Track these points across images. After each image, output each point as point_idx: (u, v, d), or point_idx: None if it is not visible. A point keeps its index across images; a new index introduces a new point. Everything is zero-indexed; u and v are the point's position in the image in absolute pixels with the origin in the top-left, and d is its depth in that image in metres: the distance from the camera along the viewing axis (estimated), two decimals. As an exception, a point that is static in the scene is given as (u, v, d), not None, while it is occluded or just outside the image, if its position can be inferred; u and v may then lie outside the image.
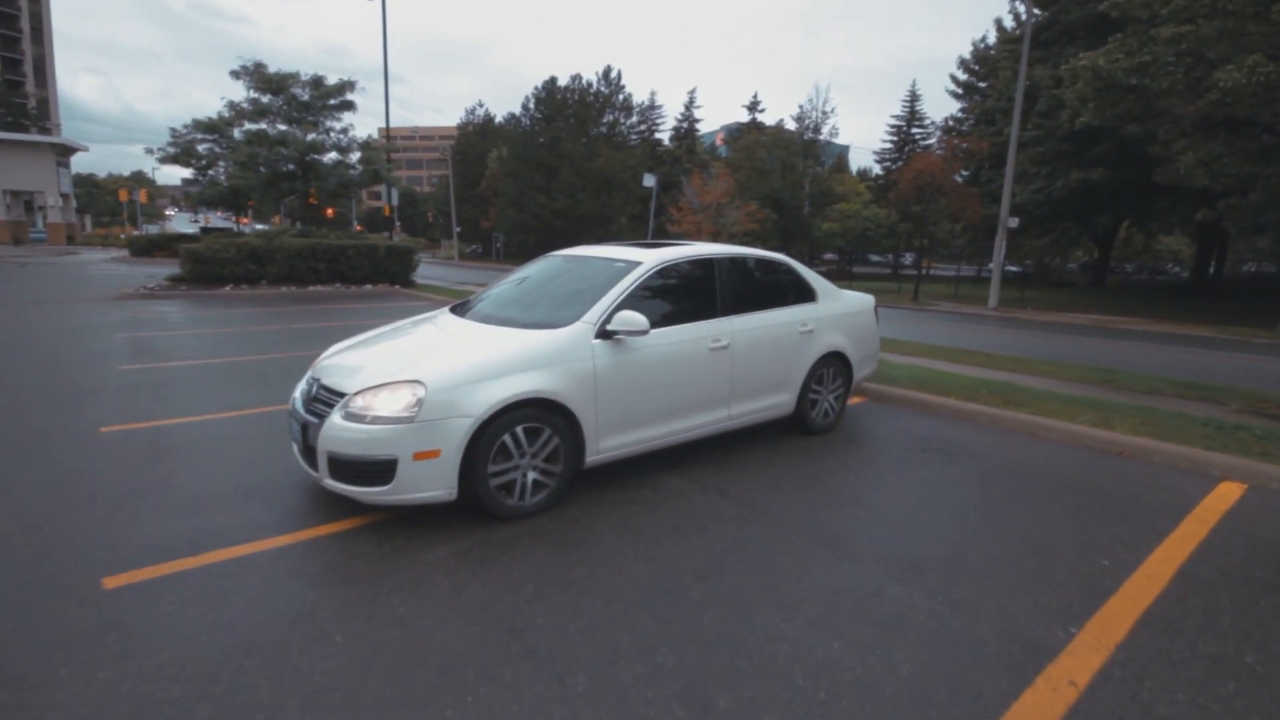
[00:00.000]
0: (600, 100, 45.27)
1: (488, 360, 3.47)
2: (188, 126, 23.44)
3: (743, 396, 4.61)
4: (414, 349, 3.81)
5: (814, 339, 5.04)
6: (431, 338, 4.02)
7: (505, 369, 3.47)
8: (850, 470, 4.47)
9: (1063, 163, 22.52)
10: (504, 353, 3.54)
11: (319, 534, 3.34)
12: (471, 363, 3.44)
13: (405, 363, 3.54)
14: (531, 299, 4.41)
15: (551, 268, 4.75)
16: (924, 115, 50.61)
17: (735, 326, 4.50)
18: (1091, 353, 11.91)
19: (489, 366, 3.44)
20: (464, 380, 3.35)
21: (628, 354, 3.89)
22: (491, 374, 3.42)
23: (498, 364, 3.47)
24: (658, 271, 4.24)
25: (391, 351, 3.84)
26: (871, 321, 5.72)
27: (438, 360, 3.49)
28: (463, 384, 3.34)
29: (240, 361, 7.63)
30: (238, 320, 11.29)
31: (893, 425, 5.63)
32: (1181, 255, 52.93)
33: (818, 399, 5.25)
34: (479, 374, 3.40)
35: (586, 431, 3.75)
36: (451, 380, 3.33)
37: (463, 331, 4.04)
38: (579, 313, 3.88)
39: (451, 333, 4.06)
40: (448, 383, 3.32)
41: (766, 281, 5.01)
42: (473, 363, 3.44)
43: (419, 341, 3.97)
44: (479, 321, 4.17)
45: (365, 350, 3.98)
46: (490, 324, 4.07)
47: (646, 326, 3.78)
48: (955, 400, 6.10)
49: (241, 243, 15.90)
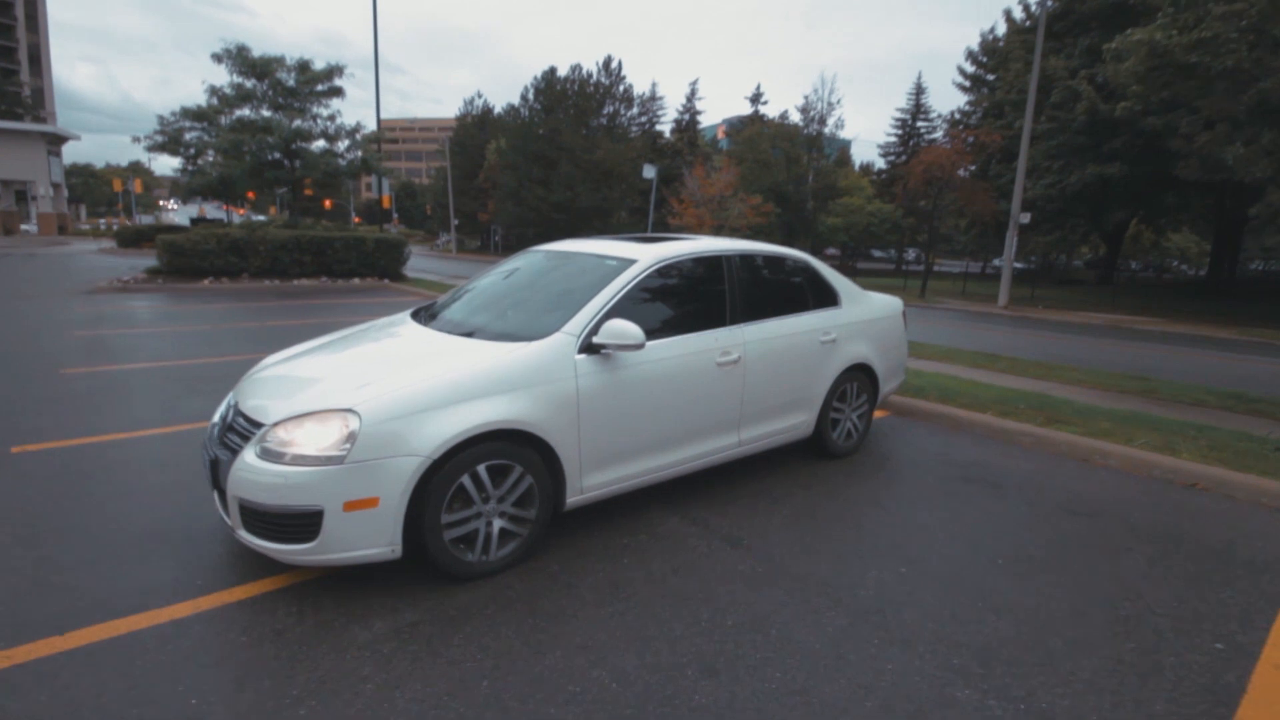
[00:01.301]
0: (600, 91, 44.39)
1: (443, 382, 2.79)
2: (176, 114, 22.70)
3: (755, 418, 3.93)
4: (355, 366, 3.12)
5: (837, 350, 4.36)
6: (379, 351, 3.33)
7: (465, 393, 2.79)
8: (882, 507, 3.79)
9: (1077, 157, 21.73)
10: (464, 372, 2.85)
11: (228, 600, 2.66)
12: (422, 385, 2.75)
13: (340, 384, 2.85)
14: (505, 303, 3.72)
15: (532, 266, 4.05)
16: (929, 108, 49.76)
17: (747, 336, 3.81)
18: (1115, 357, 11.24)
19: (444, 390, 2.76)
20: (411, 408, 2.67)
21: (618, 372, 3.21)
22: (447, 399, 2.74)
23: (456, 386, 2.79)
24: (656, 271, 3.55)
25: (329, 368, 3.15)
26: (900, 329, 5.04)
27: (380, 382, 2.80)
28: (409, 413, 2.65)
29: (199, 365, 6.94)
30: (210, 316, 10.59)
31: (923, 446, 4.95)
32: (1189, 253, 52.19)
33: (839, 418, 4.57)
34: (431, 400, 2.71)
35: (567, 467, 3.07)
36: (394, 409, 2.65)
37: (418, 343, 3.35)
38: (559, 322, 3.19)
39: (404, 344, 3.37)
40: (389, 412, 2.63)
41: (783, 283, 4.32)
42: (424, 385, 2.75)
43: (363, 355, 3.28)
44: (440, 330, 3.47)
45: (300, 364, 3.29)
46: (452, 334, 3.38)
47: (641, 339, 3.09)
48: (992, 417, 5.42)
49: (222, 234, 15.17)
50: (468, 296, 3.96)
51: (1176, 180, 20.70)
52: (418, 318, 3.84)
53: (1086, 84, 19.95)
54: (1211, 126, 16.20)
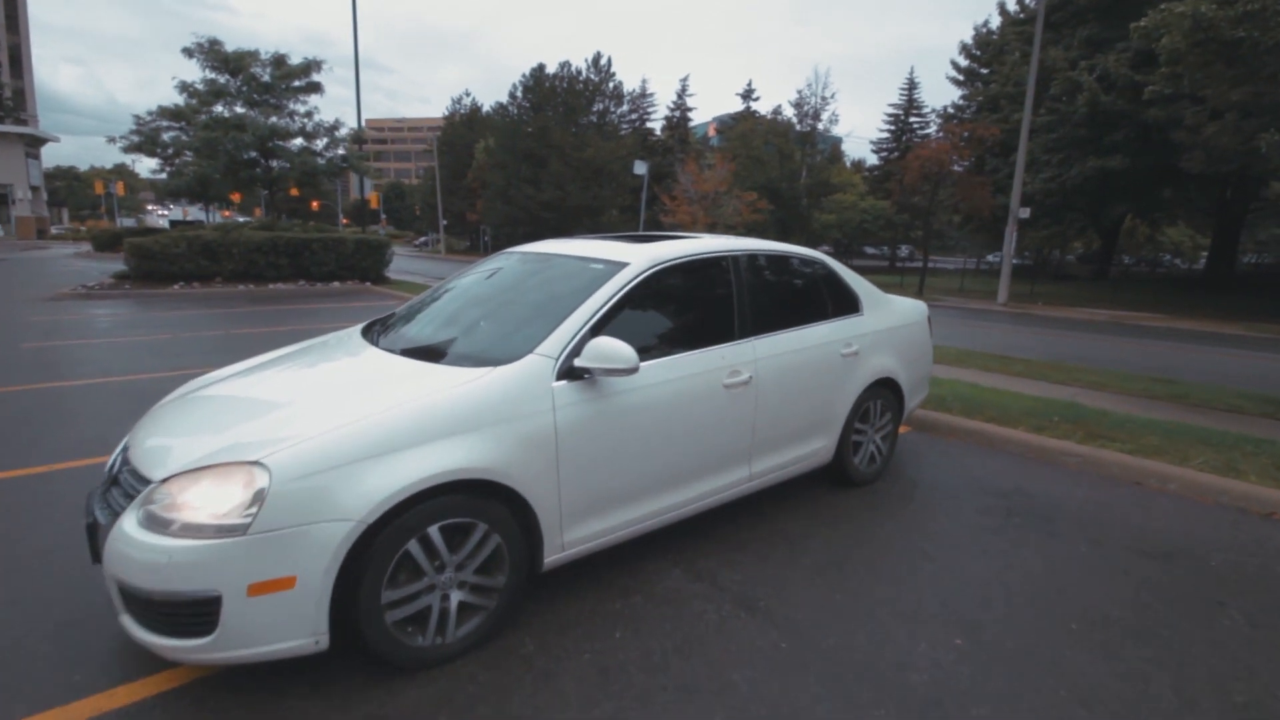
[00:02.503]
0: (590, 88, 43.76)
1: (384, 421, 2.19)
2: (152, 114, 21.93)
3: (769, 447, 3.35)
4: (277, 400, 2.51)
5: (859, 364, 3.79)
6: (311, 379, 2.73)
7: (413, 435, 2.19)
8: (921, 552, 3.22)
9: (1077, 149, 21.26)
10: (412, 408, 2.26)
11: (106, 707, 2.06)
12: (356, 427, 2.15)
13: (252, 425, 2.25)
14: (469, 317, 3.12)
15: (506, 271, 3.46)
16: (922, 103, 49.34)
17: (759, 352, 3.23)
18: (1128, 356, 10.74)
19: (385, 432, 2.16)
20: (340, 457, 2.07)
21: (606, 400, 2.62)
22: (389, 444, 2.14)
23: (400, 427, 2.19)
24: (651, 276, 2.96)
25: (244, 403, 2.55)
26: (926, 336, 4.48)
27: (302, 422, 2.20)
28: (337, 464, 2.06)
29: (148, 381, 6.31)
30: (173, 324, 9.93)
31: (954, 469, 4.38)
32: (1184, 247, 51.99)
33: (861, 441, 4.00)
34: (367, 445, 2.12)
35: (545, 521, 2.49)
36: (317, 459, 2.05)
37: (360, 368, 2.75)
38: (533, 341, 2.60)
39: (343, 370, 2.77)
40: (310, 463, 2.04)
41: (797, 288, 3.75)
42: (358, 427, 2.16)
43: (291, 385, 2.67)
44: (390, 351, 2.87)
45: (212, 395, 2.68)
46: (405, 355, 2.78)
47: (633, 361, 2.51)
48: (1025, 433, 4.86)
49: (193, 236, 14.48)
50: (429, 308, 3.36)
51: (1178, 173, 20.29)
52: (369, 334, 3.24)
53: (1088, 75, 19.47)
54: (1219, 117, 15.75)
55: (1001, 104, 27.92)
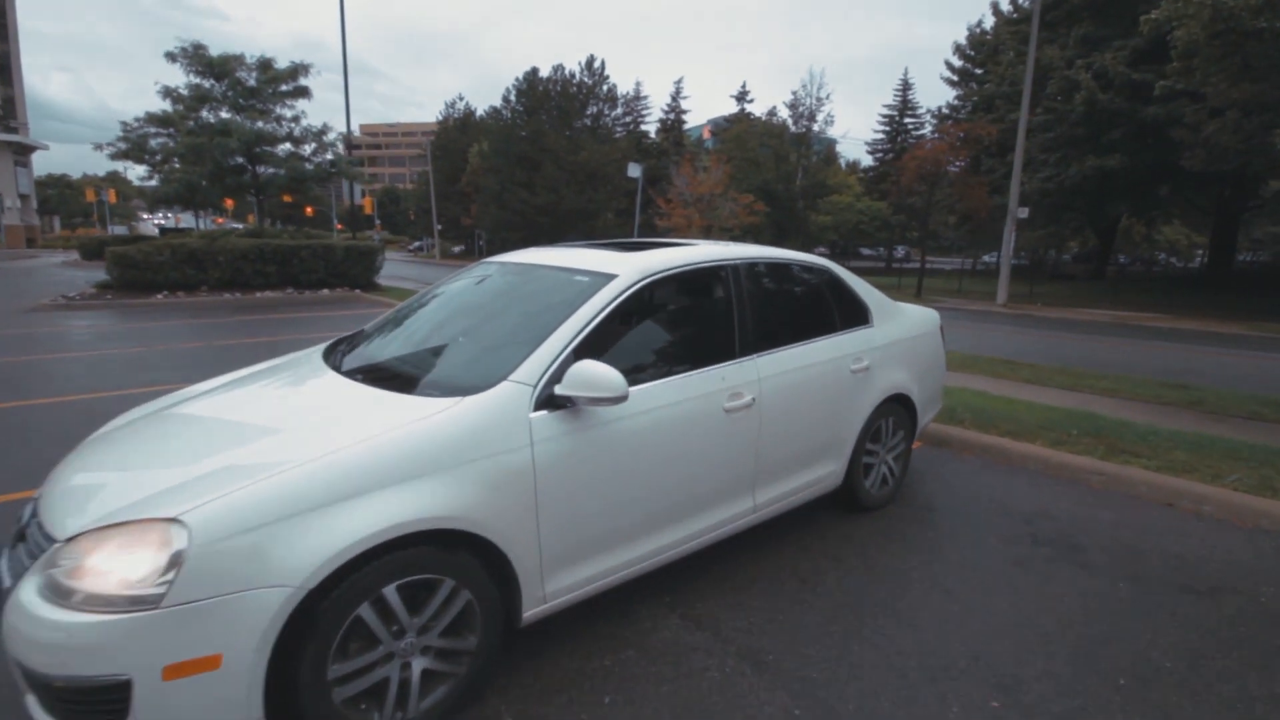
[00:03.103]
0: (583, 91, 43.51)
1: (331, 465, 1.88)
2: (140, 120, 21.59)
3: (774, 475, 3.05)
4: (210, 438, 2.20)
5: (870, 380, 3.49)
6: (255, 411, 2.41)
7: (364, 479, 1.88)
8: (942, 590, 2.92)
9: (1075, 149, 21.06)
10: (364, 449, 1.95)
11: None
12: (295, 473, 1.84)
13: (174, 472, 1.94)
14: (439, 338, 2.82)
15: (482, 285, 3.15)
16: (917, 104, 49.23)
17: (763, 371, 2.93)
18: (1133, 358, 10.49)
19: (332, 477, 1.85)
20: (274, 511, 1.76)
21: (592, 432, 2.32)
22: (335, 492, 1.84)
23: (350, 471, 1.88)
24: (642, 289, 2.66)
25: (172, 442, 2.23)
26: (938, 347, 4.19)
27: (234, 469, 1.89)
28: (272, 519, 1.75)
29: (111, 399, 5.98)
30: (152, 336, 9.60)
31: (971, 490, 4.09)
32: (1179, 245, 51.92)
33: (873, 463, 3.70)
34: (309, 495, 1.81)
35: (523, 571, 2.18)
36: (246, 513, 1.74)
37: (311, 398, 2.44)
38: (507, 365, 2.30)
39: (292, 401, 2.46)
40: (238, 519, 1.73)
41: (802, 298, 3.45)
42: (297, 474, 1.84)
43: (229, 420, 2.36)
44: (349, 376, 2.56)
45: (139, 432, 2.37)
46: (365, 382, 2.47)
47: (622, 388, 2.20)
48: (1043, 448, 4.57)
49: (177, 244, 14.13)
50: (396, 327, 3.05)
51: (1177, 172, 20.09)
52: (331, 355, 2.93)
53: (1085, 73, 19.26)
54: (1219, 114, 15.56)
55: (997, 104, 27.75)
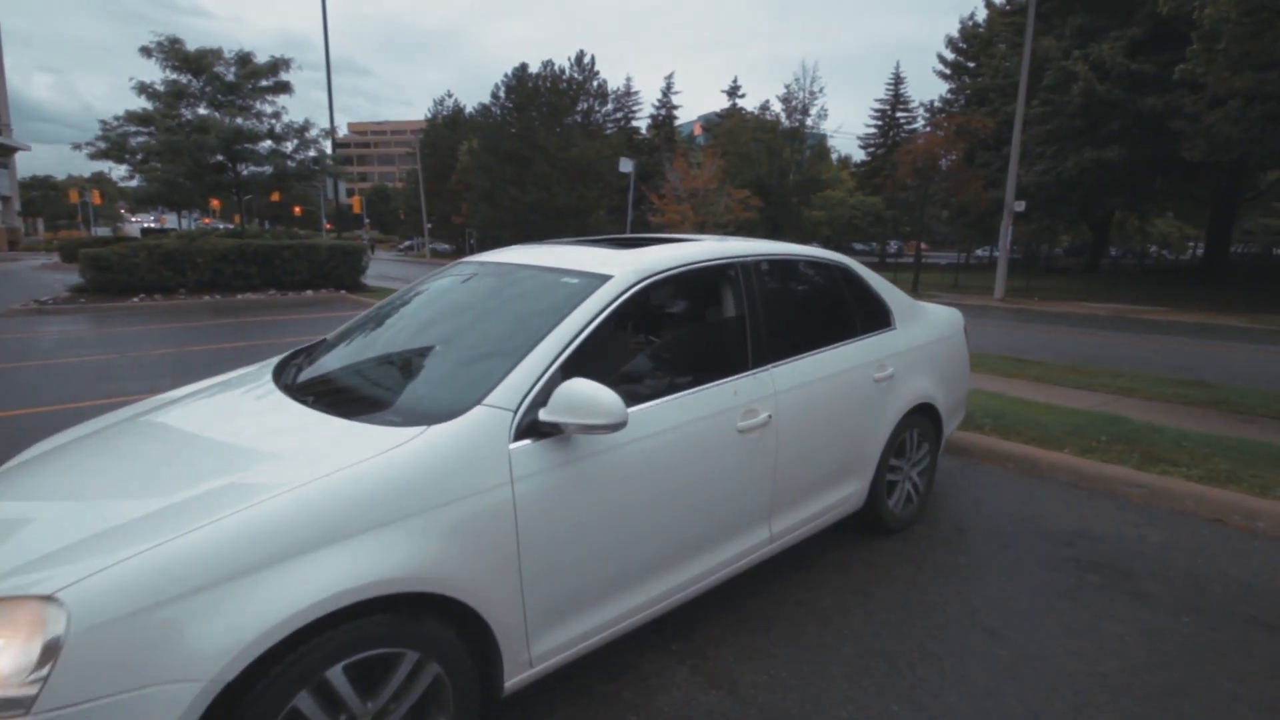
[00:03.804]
0: (574, 87, 43.03)
1: (258, 518, 1.50)
2: (119, 119, 21.03)
3: (792, 500, 2.69)
4: (116, 480, 1.82)
5: (894, 389, 3.14)
6: (176, 445, 2.03)
7: (301, 535, 1.51)
8: (985, 630, 2.57)
9: (1072, 141, 20.79)
10: (301, 496, 1.57)
11: None
12: (213, 530, 1.47)
13: (59, 530, 1.56)
14: (404, 352, 2.44)
15: (460, 287, 2.77)
16: (909, 98, 49.00)
17: (780, 383, 2.57)
18: (1142, 353, 10.22)
19: (259, 534, 1.48)
20: (182, 581, 1.38)
21: (584, 463, 1.95)
22: (263, 553, 1.46)
23: (283, 524, 1.51)
24: (641, 291, 2.29)
25: (71, 485, 1.85)
26: (963, 350, 3.84)
27: (137, 521, 1.51)
28: (178, 592, 1.37)
29: (67, 413, 5.56)
30: (125, 342, 9.16)
31: (1001, 506, 3.74)
32: (1171, 238, 51.93)
33: (896, 480, 3.35)
34: (230, 557, 1.43)
35: (503, 634, 1.81)
36: (145, 586, 1.36)
37: (249, 427, 2.06)
38: (483, 385, 1.92)
39: (225, 431, 2.07)
40: (133, 595, 1.35)
41: (820, 300, 3.09)
42: (217, 529, 1.47)
43: (145, 456, 1.98)
44: (300, 400, 2.18)
45: (37, 473, 1.98)
46: (315, 407, 2.09)
47: (618, 412, 1.83)
48: (1073, 457, 4.24)
49: (154, 245, 13.66)
50: (358, 338, 2.67)
51: (1176, 164, 19.86)
52: (283, 372, 2.55)
53: (1082, 64, 18.97)
54: (1221, 104, 15.31)
55: (991, 97, 27.47)
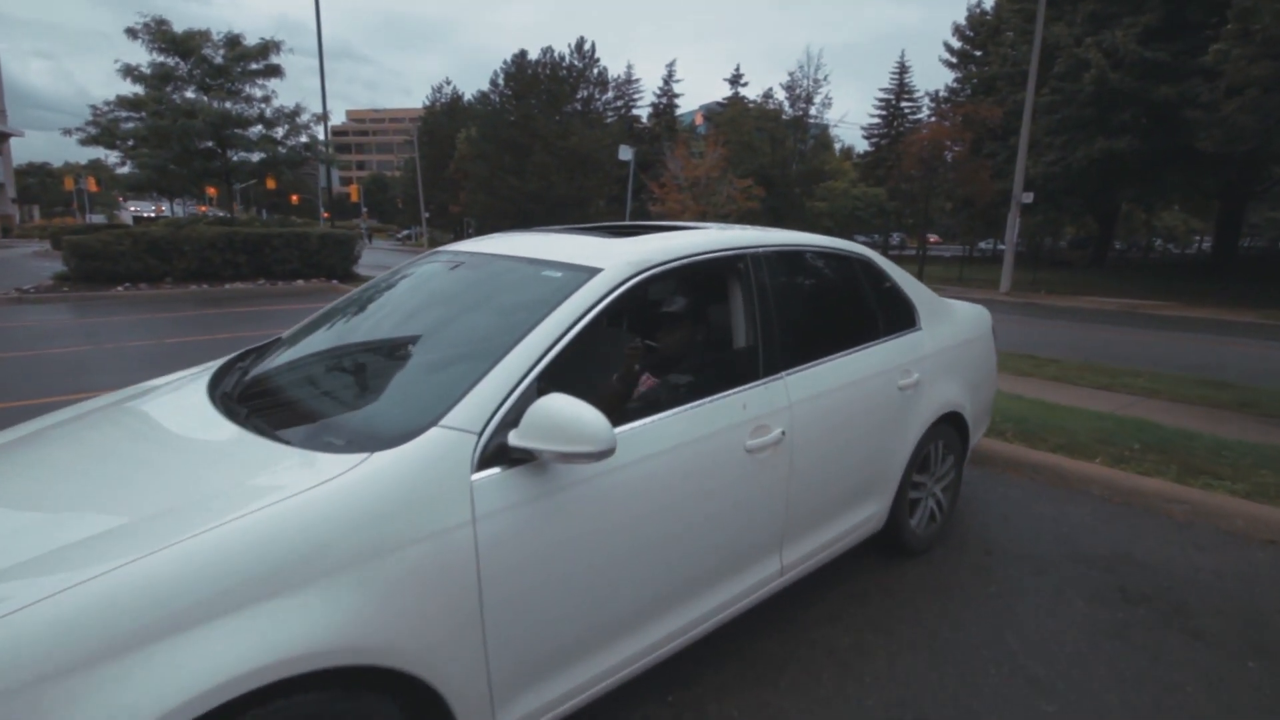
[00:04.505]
0: (573, 75, 42.47)
1: (148, 574, 1.17)
2: (110, 104, 20.58)
3: (806, 526, 2.36)
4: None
5: (920, 397, 2.80)
6: (67, 475, 1.68)
7: (199, 598, 1.17)
8: (1027, 678, 2.24)
9: (1083, 131, 20.34)
10: (206, 544, 1.23)
11: None
12: (77, 594, 1.13)
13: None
14: (359, 358, 2.10)
15: (429, 282, 2.43)
16: (913, 88, 48.33)
17: (795, 394, 2.23)
18: (1157, 351, 9.89)
19: (138, 598, 1.14)
20: (46, 661, 1.05)
21: (563, 495, 1.61)
22: (144, 625, 1.12)
23: (182, 582, 1.17)
24: (635, 287, 1.94)
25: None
26: (991, 352, 3.50)
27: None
28: (37, 676, 1.04)
29: (22, 410, 5.23)
30: (104, 333, 8.82)
31: (1032, 524, 3.41)
32: (1177, 231, 51.39)
33: (920, 497, 3.02)
34: (97, 632, 1.09)
35: (463, 708, 1.48)
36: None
37: (156, 447, 1.72)
38: (440, 402, 1.58)
39: (130, 455, 1.71)
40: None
41: (839, 297, 2.75)
42: (81, 593, 1.13)
43: (29, 490, 1.64)
44: (227, 412, 1.83)
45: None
46: (244, 424, 1.74)
47: (606, 436, 1.49)
48: (1106, 468, 3.91)
49: (140, 233, 13.29)
50: (313, 338, 2.32)
51: (1189, 155, 19.43)
52: (222, 379, 2.20)
53: (1095, 51, 18.49)
54: (1239, 93, 14.90)
55: (999, 85, 26.97)
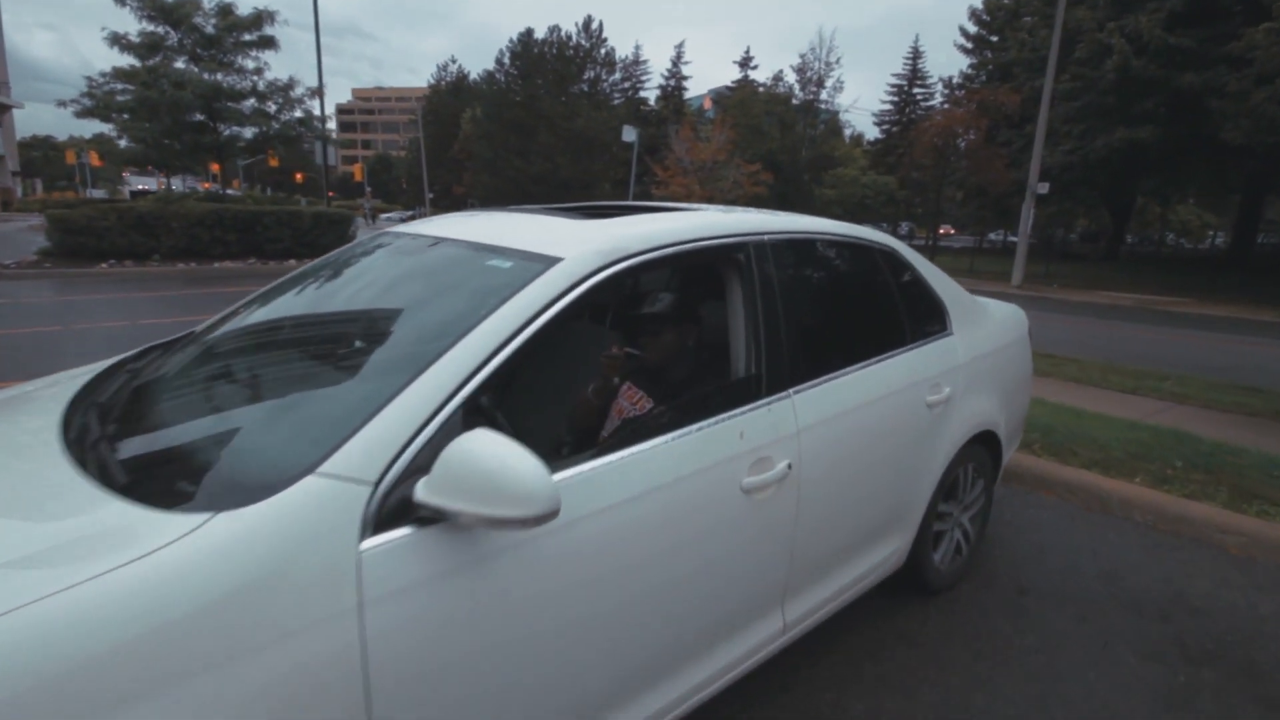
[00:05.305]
0: (580, 55, 41.71)
1: None
2: (105, 75, 20.09)
3: (814, 575, 1.95)
4: None
5: (951, 415, 2.38)
6: None
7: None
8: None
9: (1103, 119, 19.67)
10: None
11: None
12: None
13: None
14: (241, 368, 1.68)
15: (358, 273, 2.00)
16: (927, 74, 47.33)
17: (805, 417, 1.81)
18: (1179, 351, 9.42)
19: None
20: None
21: (489, 567, 1.20)
22: None
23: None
24: (603, 283, 1.50)
25: None
26: (1027, 359, 3.07)
27: None
28: None
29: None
30: (77, 313, 8.44)
31: (1068, 556, 3.00)
32: (1191, 226, 50.50)
33: (945, 529, 2.61)
34: None
35: None
36: None
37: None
38: (321, 439, 1.15)
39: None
40: None
41: (860, 295, 2.32)
42: None
43: None
44: (65, 443, 1.41)
45: None
46: (84, 462, 1.32)
47: (544, 497, 1.07)
48: (1146, 489, 3.49)
49: (125, 208, 12.89)
50: (205, 342, 1.90)
51: (1210, 146, 18.79)
52: (92, 392, 1.79)
53: (1118, 37, 17.81)
54: (1268, 82, 14.28)
55: (1015, 72, 26.21)
